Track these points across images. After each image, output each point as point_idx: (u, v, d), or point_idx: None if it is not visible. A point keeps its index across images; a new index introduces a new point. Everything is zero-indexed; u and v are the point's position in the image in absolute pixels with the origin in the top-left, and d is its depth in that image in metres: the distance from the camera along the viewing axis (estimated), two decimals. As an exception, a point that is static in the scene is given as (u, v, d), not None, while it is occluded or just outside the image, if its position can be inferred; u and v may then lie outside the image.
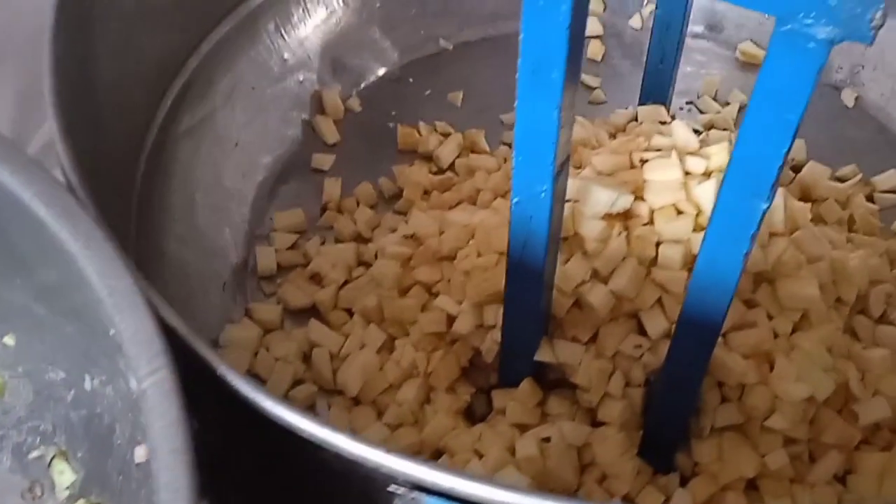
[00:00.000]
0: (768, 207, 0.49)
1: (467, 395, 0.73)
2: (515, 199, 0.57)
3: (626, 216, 0.69)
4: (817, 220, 0.86)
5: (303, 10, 0.97)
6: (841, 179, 0.93)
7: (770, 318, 0.70)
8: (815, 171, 0.90)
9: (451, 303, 0.74)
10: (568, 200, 0.68)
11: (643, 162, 0.71)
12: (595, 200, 0.66)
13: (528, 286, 0.63)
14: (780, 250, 0.68)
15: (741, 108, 0.99)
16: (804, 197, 0.89)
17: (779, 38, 0.41)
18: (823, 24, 0.40)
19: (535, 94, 0.50)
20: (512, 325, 0.67)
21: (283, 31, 0.95)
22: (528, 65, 0.49)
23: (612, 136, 0.83)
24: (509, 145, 0.93)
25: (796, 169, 0.92)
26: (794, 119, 0.44)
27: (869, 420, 0.69)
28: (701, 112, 0.99)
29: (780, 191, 0.69)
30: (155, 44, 0.78)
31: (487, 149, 0.94)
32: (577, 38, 0.48)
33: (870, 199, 0.91)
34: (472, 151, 0.94)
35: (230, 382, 0.47)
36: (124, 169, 0.74)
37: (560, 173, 0.56)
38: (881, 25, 0.39)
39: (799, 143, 0.95)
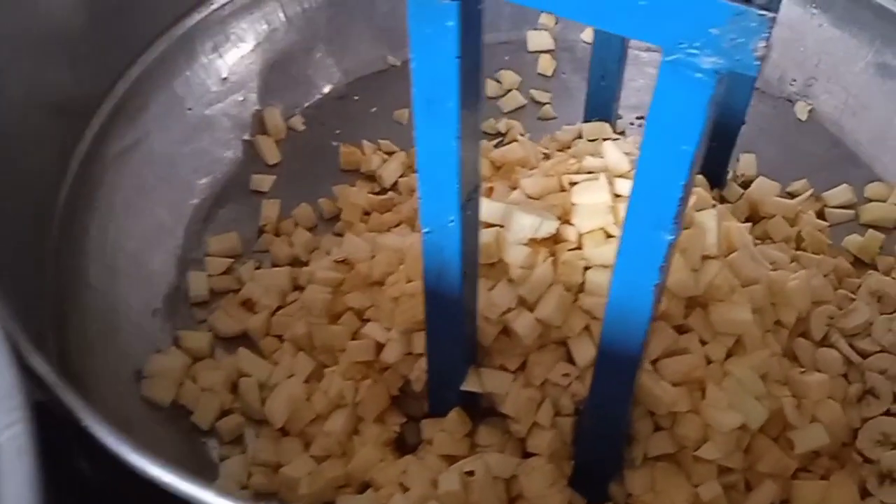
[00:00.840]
0: (674, 239, 0.47)
1: (397, 426, 0.71)
2: (425, 230, 0.55)
3: (553, 240, 0.67)
4: (764, 237, 0.85)
5: (243, 29, 0.95)
6: (792, 195, 0.91)
7: (703, 343, 0.68)
8: (763, 187, 0.89)
9: (380, 330, 0.72)
10: (494, 225, 0.66)
11: (573, 184, 0.69)
12: (518, 226, 0.64)
13: (447, 316, 0.61)
14: (713, 274, 0.66)
15: (692, 123, 0.97)
16: (752, 214, 0.87)
17: (666, 68, 0.40)
18: (707, 53, 0.38)
19: (432, 123, 0.48)
20: (436, 354, 0.65)
21: (221, 51, 0.93)
22: (421, 94, 0.47)
23: (547, 156, 0.80)
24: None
25: (746, 184, 0.90)
26: (689, 150, 0.42)
27: (806, 448, 0.67)
28: (651, 127, 0.97)
29: (713, 212, 0.67)
30: (75, 70, 0.76)
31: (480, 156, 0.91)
32: (470, 67, 0.46)
33: (821, 214, 0.89)
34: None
35: (96, 435, 0.45)
36: (41, 199, 0.72)
37: (470, 202, 0.54)
38: (765, 56, 0.37)
39: (749, 158, 0.93)
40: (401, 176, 0.91)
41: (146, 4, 0.86)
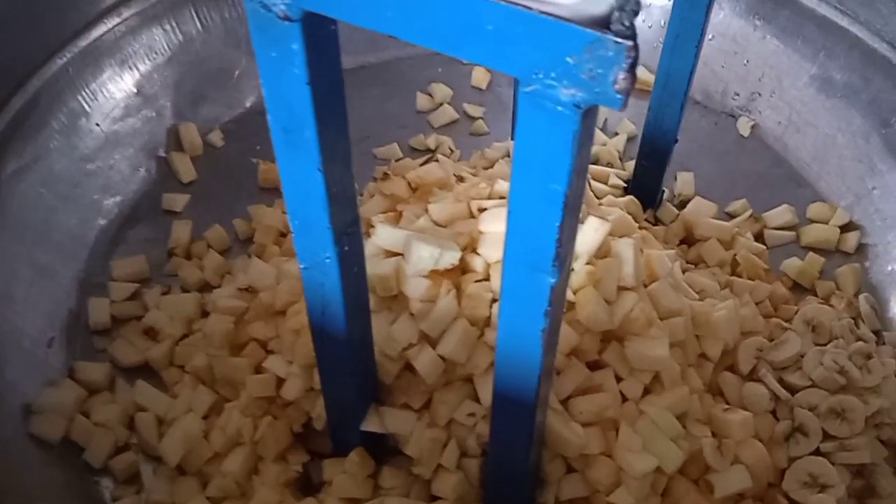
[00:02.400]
0: (557, 282, 0.43)
1: (299, 465, 0.67)
2: (302, 266, 0.51)
3: (460, 271, 0.63)
4: (699, 261, 0.81)
5: (155, 39, 0.90)
6: (731, 215, 0.87)
7: (619, 379, 0.63)
8: (699, 208, 0.85)
9: (282, 364, 0.67)
10: (396, 255, 0.62)
11: (482, 211, 0.64)
12: (417, 257, 0.60)
13: (337, 354, 0.57)
14: (629, 306, 0.62)
15: (629, 139, 0.93)
16: (688, 235, 0.83)
17: (524, 100, 0.35)
18: (566, 85, 0.34)
19: (292, 154, 0.44)
20: (331, 393, 0.61)
21: (131, 63, 0.88)
22: (277, 123, 0.43)
23: (460, 178, 0.76)
24: (376, 180, 0.86)
25: (684, 204, 0.87)
26: (560, 189, 0.38)
27: (727, 491, 0.63)
28: (588, 143, 0.93)
29: (630, 241, 0.63)
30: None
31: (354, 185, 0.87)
32: (327, 93, 0.42)
33: (760, 236, 0.85)
34: (339, 188, 0.87)
35: None
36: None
37: (347, 236, 0.49)
38: (628, 88, 0.33)
39: (687, 177, 0.89)
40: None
41: (47, 14, 0.81)
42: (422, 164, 0.87)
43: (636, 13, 0.32)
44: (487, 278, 0.62)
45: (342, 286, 0.51)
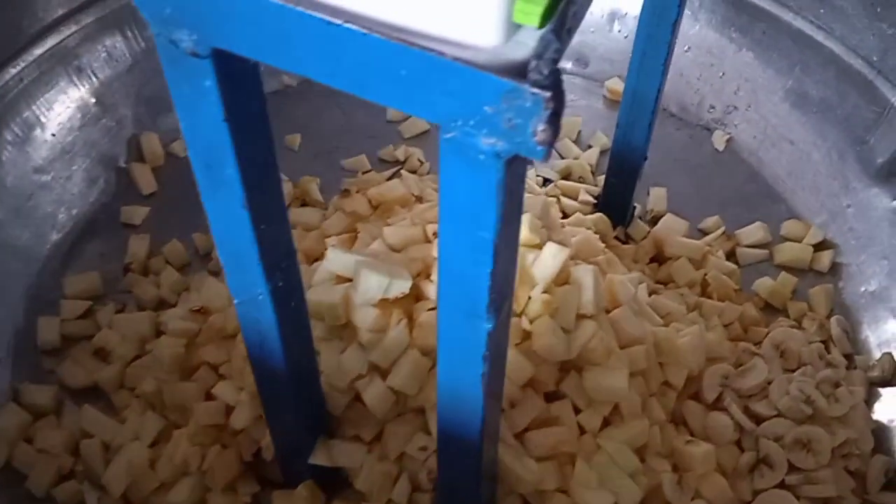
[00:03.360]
0: (494, 327, 0.41)
1: (248, 496, 0.65)
2: (236, 301, 0.49)
3: (413, 298, 0.60)
4: (668, 281, 0.79)
5: (116, 47, 0.87)
6: (704, 232, 0.85)
7: (578, 410, 0.61)
8: (670, 226, 0.83)
9: (232, 390, 0.65)
10: (349, 280, 0.60)
11: (437, 236, 0.62)
12: (366, 286, 0.58)
13: (278, 388, 0.54)
14: (587, 336, 0.60)
15: (603, 152, 0.91)
16: (658, 254, 0.81)
17: (446, 146, 0.33)
18: (485, 134, 0.31)
19: (216, 191, 0.42)
20: (277, 425, 0.59)
21: (91, 71, 0.86)
22: (198, 158, 0.40)
23: (419, 199, 0.74)
24: (347, 191, 0.84)
25: (656, 220, 0.84)
26: (488, 237, 0.36)
27: (687, 528, 0.61)
28: (561, 156, 0.91)
29: (589, 268, 0.61)
30: None
31: (320, 198, 0.85)
32: (249, 129, 0.39)
33: (732, 254, 0.83)
34: (304, 203, 0.85)
35: None
36: None
37: (280, 271, 0.47)
38: (550, 140, 0.30)
39: (660, 192, 0.87)
40: (287, 207, 0.84)
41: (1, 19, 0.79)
42: (389, 178, 0.85)
43: (556, 61, 0.29)
44: (440, 306, 0.60)
45: (278, 322, 0.49)
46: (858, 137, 0.82)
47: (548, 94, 0.29)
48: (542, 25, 0.30)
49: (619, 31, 0.96)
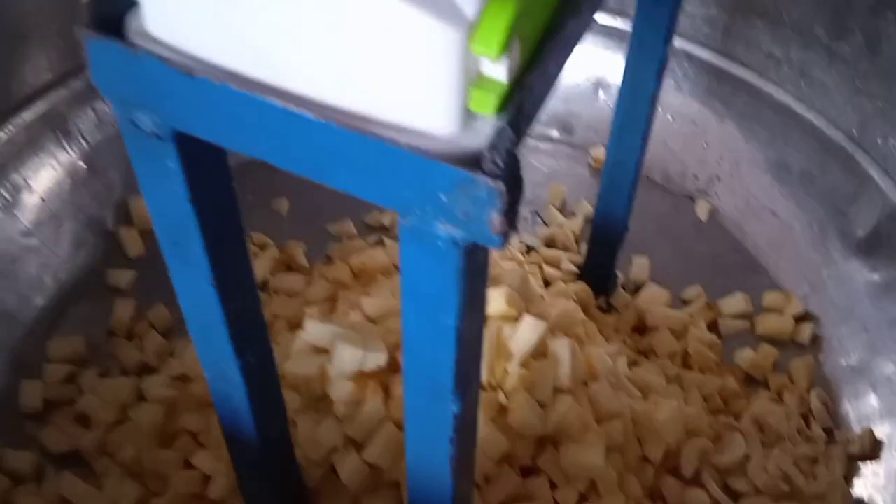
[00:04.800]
0: (461, 410, 0.41)
1: (223, 568, 0.64)
2: (208, 375, 0.49)
3: (391, 370, 0.61)
4: (649, 351, 0.79)
5: (106, 109, 0.88)
6: (686, 301, 0.85)
7: (555, 486, 0.61)
8: (652, 296, 0.83)
9: (210, 460, 0.65)
10: (325, 351, 0.60)
11: (415, 306, 0.62)
12: (341, 359, 0.58)
13: (252, 459, 0.54)
14: (564, 410, 0.60)
15: (587, 220, 0.91)
16: (639, 325, 0.81)
17: (405, 233, 0.34)
18: (443, 221, 0.32)
19: (183, 268, 0.42)
20: (251, 498, 0.58)
21: (82, 134, 0.87)
22: (165, 235, 0.41)
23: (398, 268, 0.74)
24: (330, 258, 0.85)
25: (637, 289, 0.85)
26: (450, 322, 0.36)
27: None
28: (545, 223, 0.91)
29: (566, 341, 0.61)
30: None
31: (306, 263, 0.85)
32: (215, 208, 0.40)
33: (714, 325, 0.83)
34: (290, 268, 0.85)
35: None
36: None
37: (252, 347, 0.47)
38: (506, 231, 0.31)
39: (642, 262, 0.87)
40: (271, 273, 0.85)
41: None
42: (374, 244, 0.86)
43: (511, 152, 0.30)
44: (417, 378, 0.60)
45: (249, 397, 0.49)
46: (839, 209, 0.83)
47: (502, 185, 0.30)
48: (498, 113, 0.31)
49: (605, 100, 0.97)
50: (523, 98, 0.31)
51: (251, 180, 0.90)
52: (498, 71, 0.31)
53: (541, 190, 0.95)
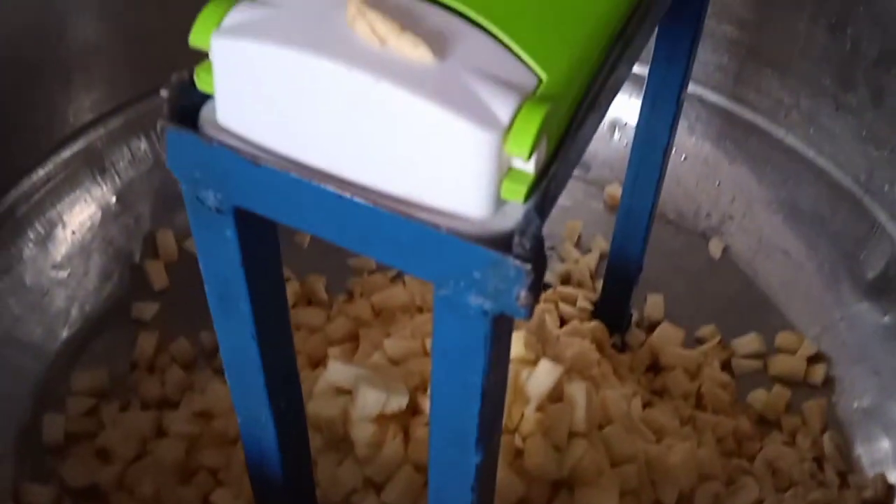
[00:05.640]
0: (482, 460, 0.43)
1: None
2: (240, 419, 0.51)
3: (410, 412, 0.62)
4: (663, 391, 0.80)
5: (141, 147, 0.91)
6: (700, 340, 0.86)
7: (570, 528, 0.63)
8: (666, 335, 0.84)
9: (229, 498, 0.67)
10: (347, 392, 0.62)
11: (435, 349, 0.64)
12: (363, 402, 0.60)
13: (276, 499, 0.56)
14: (579, 455, 0.62)
15: (602, 257, 0.93)
16: (653, 364, 0.83)
17: (439, 301, 0.36)
18: (475, 294, 0.34)
19: (228, 321, 0.44)
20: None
21: (115, 171, 0.89)
22: (213, 290, 0.43)
23: (420, 309, 0.76)
24: (350, 297, 0.86)
25: (652, 328, 0.86)
26: (477, 381, 0.38)
27: None
28: (561, 259, 0.93)
29: (581, 385, 0.63)
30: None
31: (325, 297, 0.87)
32: (264, 272, 0.42)
33: (727, 364, 0.85)
34: (310, 302, 0.87)
35: None
36: None
37: (282, 394, 0.49)
38: (531, 304, 0.33)
39: (657, 300, 0.89)
40: (292, 307, 0.86)
41: (30, 125, 0.82)
42: (392, 278, 0.87)
43: (536, 237, 0.32)
44: (437, 420, 0.62)
45: (278, 440, 0.51)
46: (849, 252, 0.84)
47: (528, 266, 0.32)
48: (526, 200, 0.33)
49: (619, 139, 0.99)
50: (548, 185, 0.34)
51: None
52: (527, 166, 0.33)
53: (557, 226, 0.97)
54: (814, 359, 0.84)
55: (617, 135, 1.00)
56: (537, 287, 0.33)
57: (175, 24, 0.87)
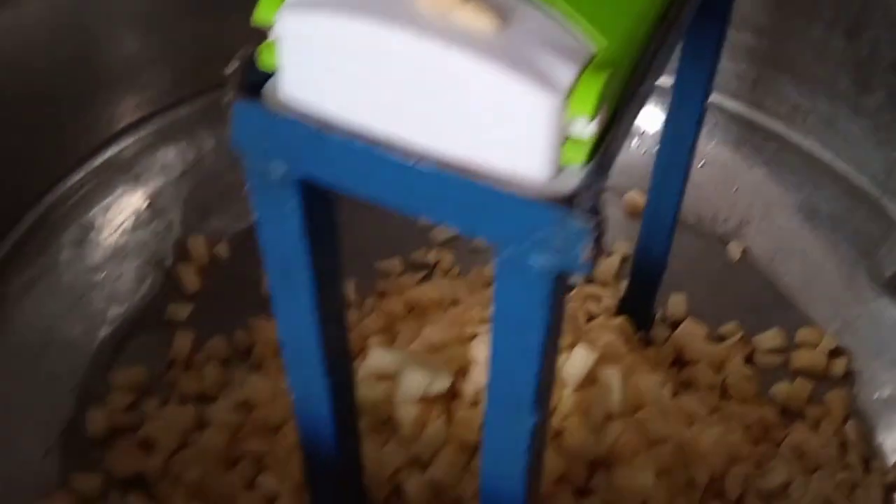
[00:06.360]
0: (538, 422, 0.45)
1: (291, 586, 0.68)
2: (294, 396, 0.53)
3: (451, 395, 0.64)
4: (689, 384, 0.82)
5: (170, 157, 0.93)
6: (722, 337, 0.89)
7: (606, 508, 0.65)
8: (690, 330, 0.87)
9: (274, 482, 0.69)
10: (388, 378, 0.64)
11: (473, 337, 0.67)
12: (409, 383, 0.62)
13: (328, 480, 0.58)
14: (615, 435, 0.64)
15: (624, 260, 0.95)
16: (678, 358, 0.85)
17: (501, 263, 0.38)
18: (537, 254, 0.36)
19: (288, 296, 0.46)
20: (321, 516, 0.62)
21: (146, 179, 0.92)
22: (274, 267, 0.45)
23: (454, 302, 0.78)
24: (382, 294, 0.89)
25: (675, 325, 0.88)
26: (537, 341, 0.40)
27: None
28: (584, 262, 0.95)
29: (615, 370, 0.65)
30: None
31: (354, 298, 0.89)
32: (323, 246, 0.44)
33: (749, 359, 0.87)
34: (340, 302, 0.89)
35: None
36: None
37: (337, 370, 0.51)
38: (594, 258, 0.35)
39: (679, 298, 0.91)
40: (323, 308, 0.89)
41: (67, 131, 0.85)
42: (420, 280, 0.89)
43: (599, 195, 0.34)
44: (477, 403, 0.64)
45: (334, 416, 0.53)
46: (867, 251, 0.86)
47: (595, 221, 0.34)
48: (586, 163, 0.35)
49: (638, 148, 1.01)
50: (604, 150, 0.36)
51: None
52: (587, 129, 0.35)
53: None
54: (834, 353, 0.86)
55: (636, 142, 1.02)
56: (599, 243, 0.35)
57: (206, 35, 0.90)
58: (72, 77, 0.85)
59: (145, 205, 0.92)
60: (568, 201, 0.35)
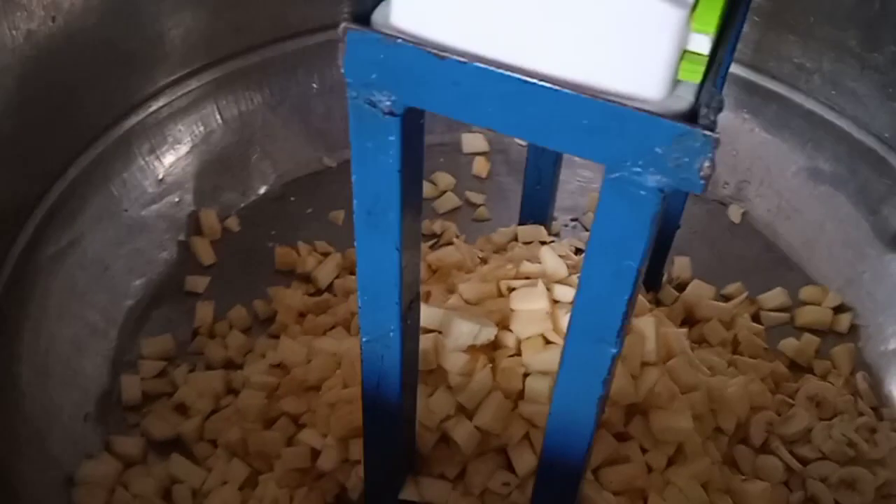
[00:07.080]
0: (618, 352, 0.47)
1: (333, 535, 0.69)
2: (365, 339, 0.54)
3: (493, 347, 0.66)
4: (700, 341, 0.85)
5: (179, 131, 0.94)
6: (727, 297, 0.91)
7: (644, 451, 0.67)
8: (699, 290, 0.89)
9: (316, 436, 0.70)
10: (432, 331, 0.66)
11: (511, 290, 0.68)
12: (457, 333, 0.63)
13: (386, 424, 0.60)
14: (652, 381, 0.66)
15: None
16: (688, 316, 0.87)
17: (609, 184, 0.40)
18: (652, 172, 0.38)
19: (373, 234, 0.48)
20: (373, 463, 0.64)
21: (158, 152, 0.93)
22: (362, 206, 0.46)
23: (483, 260, 0.80)
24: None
25: (681, 287, 0.91)
26: (633, 265, 0.42)
27: (749, 558, 0.66)
28: (586, 229, 0.98)
29: (651, 319, 0.67)
30: (7, 174, 0.75)
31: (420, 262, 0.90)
32: (412, 178, 0.46)
33: (756, 317, 0.90)
34: (352, 272, 0.91)
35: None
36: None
37: (410, 311, 0.53)
38: (710, 175, 0.37)
39: (684, 261, 0.94)
40: (336, 277, 0.90)
41: (82, 108, 0.85)
42: (430, 247, 0.91)
43: (720, 110, 0.36)
44: (519, 353, 0.66)
45: (401, 358, 0.54)
46: (871, 208, 0.90)
47: (716, 135, 0.36)
48: (702, 80, 0.37)
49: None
50: (717, 68, 0.38)
51: (313, 194, 0.97)
52: (702, 45, 0.37)
53: (580, 199, 1.01)
54: (839, 309, 0.89)
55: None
56: (714, 161, 0.37)
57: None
58: (89, 52, 0.85)
59: (159, 178, 0.92)
60: (685, 118, 0.37)
